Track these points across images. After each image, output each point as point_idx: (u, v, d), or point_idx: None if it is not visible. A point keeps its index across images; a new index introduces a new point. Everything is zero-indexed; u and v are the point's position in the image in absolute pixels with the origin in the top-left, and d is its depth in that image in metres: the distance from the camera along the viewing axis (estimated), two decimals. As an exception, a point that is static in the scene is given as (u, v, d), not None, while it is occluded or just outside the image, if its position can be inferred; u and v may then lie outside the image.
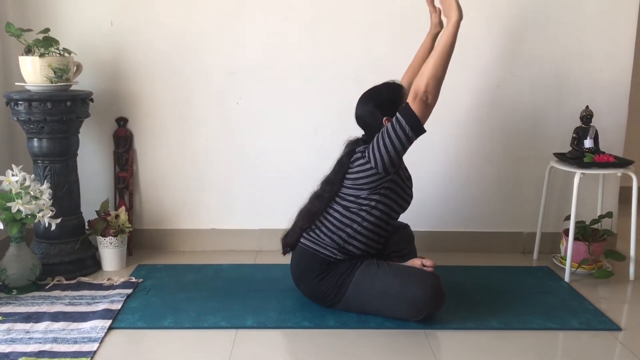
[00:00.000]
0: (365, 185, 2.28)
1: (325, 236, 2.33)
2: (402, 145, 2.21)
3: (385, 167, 2.24)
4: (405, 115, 2.18)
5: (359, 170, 2.29)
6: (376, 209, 2.30)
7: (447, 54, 2.18)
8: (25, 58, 2.59)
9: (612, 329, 2.28)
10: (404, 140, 2.20)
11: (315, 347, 2.16)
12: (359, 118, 2.40)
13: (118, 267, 2.81)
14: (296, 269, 2.43)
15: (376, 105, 2.33)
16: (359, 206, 2.30)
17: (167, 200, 3.07)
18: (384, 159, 2.22)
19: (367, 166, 2.26)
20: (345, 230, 2.31)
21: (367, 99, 2.38)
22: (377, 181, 2.27)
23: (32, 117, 2.58)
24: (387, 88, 2.39)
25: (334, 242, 2.32)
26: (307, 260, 2.35)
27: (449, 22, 2.19)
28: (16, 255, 2.50)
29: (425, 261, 2.33)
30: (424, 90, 2.15)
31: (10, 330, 2.19)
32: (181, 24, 2.90)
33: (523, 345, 2.18)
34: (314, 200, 2.40)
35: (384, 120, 2.31)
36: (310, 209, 2.39)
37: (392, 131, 2.19)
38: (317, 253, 2.33)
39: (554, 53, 2.96)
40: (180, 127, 2.99)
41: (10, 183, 2.43)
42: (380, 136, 2.23)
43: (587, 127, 2.81)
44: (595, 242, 2.80)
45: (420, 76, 2.18)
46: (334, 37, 2.92)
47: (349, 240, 2.31)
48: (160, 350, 2.13)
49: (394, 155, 2.22)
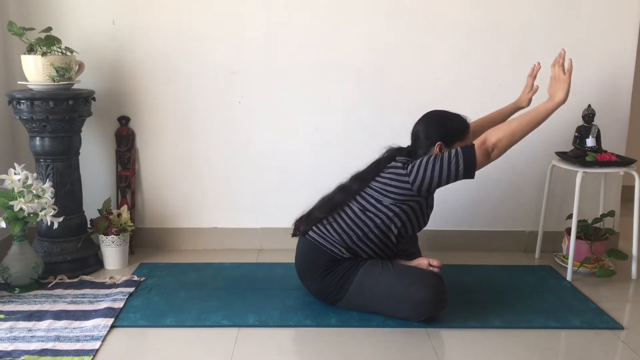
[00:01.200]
0: (392, 194, 2.27)
1: (335, 233, 2.33)
2: (448, 178, 2.21)
3: (420, 188, 2.24)
4: (466, 155, 2.18)
5: (392, 178, 2.28)
6: (391, 220, 2.30)
7: (533, 125, 2.23)
8: (28, 57, 2.60)
9: (614, 327, 2.28)
10: (452, 175, 2.20)
11: (317, 345, 2.16)
12: (416, 131, 2.39)
13: (120, 266, 2.82)
14: (302, 263, 2.43)
15: (439, 128, 2.33)
16: (377, 211, 2.30)
17: (169, 199, 3.07)
18: (425, 181, 2.22)
19: (404, 178, 2.25)
20: (356, 232, 2.31)
21: (433, 119, 2.38)
22: (404, 196, 2.27)
23: (34, 116, 2.58)
24: (457, 119, 2.38)
25: (342, 241, 2.31)
26: (314, 255, 2.35)
27: (552, 101, 2.24)
28: (19, 254, 2.50)
29: (432, 261, 2.32)
30: (493, 143, 2.18)
31: (12, 328, 2.19)
32: (183, 23, 2.90)
33: (525, 344, 2.18)
34: (338, 192, 2.39)
35: (437, 146, 2.30)
36: (332, 199, 2.38)
37: (446, 161, 2.19)
38: (324, 249, 2.33)
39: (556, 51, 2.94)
40: (182, 126, 3.00)
41: (13, 182, 2.43)
42: (432, 159, 2.22)
43: (589, 125, 2.80)
44: (597, 241, 2.80)
45: (497, 129, 2.21)
46: (335, 37, 2.92)
47: (357, 242, 2.31)
48: (162, 348, 2.13)
49: (435, 182, 2.22)
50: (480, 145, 2.18)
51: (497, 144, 2.19)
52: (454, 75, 2.96)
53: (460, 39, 2.93)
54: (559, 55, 2.30)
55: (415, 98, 2.97)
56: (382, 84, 2.96)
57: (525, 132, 2.22)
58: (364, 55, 2.93)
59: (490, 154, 2.20)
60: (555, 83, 2.27)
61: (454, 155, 2.19)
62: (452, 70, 2.96)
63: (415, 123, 2.41)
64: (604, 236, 2.84)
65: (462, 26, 2.92)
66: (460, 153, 2.19)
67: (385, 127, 2.99)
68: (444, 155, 2.21)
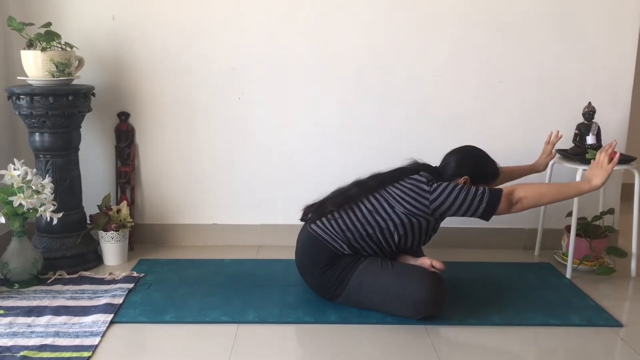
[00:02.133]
0: (407, 204, 2.28)
1: (339, 229, 2.33)
2: (465, 212, 2.25)
3: (436, 210, 2.26)
4: (491, 198, 2.22)
5: (412, 189, 2.29)
6: (397, 228, 2.30)
7: (561, 198, 2.30)
8: (27, 52, 2.59)
9: (613, 325, 2.28)
10: (471, 210, 2.24)
11: (316, 342, 2.16)
12: (449, 159, 2.43)
13: (119, 262, 2.82)
14: (302, 257, 2.43)
15: (473, 166, 2.38)
16: (386, 215, 2.30)
17: (169, 195, 3.07)
18: (444, 205, 2.25)
19: (425, 194, 2.27)
20: (360, 231, 2.31)
21: (471, 156, 2.43)
22: (419, 210, 2.28)
23: (34, 112, 2.58)
24: (492, 166, 2.43)
25: (345, 237, 2.31)
26: (315, 250, 2.35)
27: (588, 183, 2.31)
28: (18, 250, 2.50)
29: (435, 263, 2.32)
30: (520, 197, 2.23)
31: (12, 324, 2.19)
32: (183, 18, 2.89)
33: (524, 341, 2.19)
34: (354, 187, 2.40)
35: (463, 179, 2.35)
36: (347, 192, 2.39)
37: (471, 196, 2.23)
38: (326, 244, 2.32)
39: (557, 49, 2.95)
40: (182, 122, 2.99)
41: (12, 177, 2.43)
42: (458, 188, 2.25)
43: (590, 123, 2.80)
44: (597, 239, 2.80)
45: (528, 187, 2.27)
46: (335, 34, 2.91)
47: (359, 241, 2.32)
48: (161, 344, 2.14)
49: (453, 210, 2.26)
50: (507, 194, 2.23)
51: (523, 201, 2.24)
52: (455, 72, 2.96)
53: (460, 36, 2.93)
54: (610, 145, 2.35)
55: (415, 94, 2.97)
56: (383, 80, 2.96)
57: (551, 201, 2.30)
58: (365, 52, 2.93)
59: (512, 206, 2.25)
60: (597, 168, 2.31)
61: (480, 192, 2.23)
62: (453, 67, 2.95)
63: (452, 151, 2.46)
64: (604, 234, 2.84)
65: (463, 23, 2.91)
66: (487, 194, 2.23)
67: (385, 123, 3.00)
68: (471, 189, 2.25)
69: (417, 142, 3.01)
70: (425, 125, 3.00)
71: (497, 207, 2.23)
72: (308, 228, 2.41)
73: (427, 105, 2.99)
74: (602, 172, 2.29)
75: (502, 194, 2.23)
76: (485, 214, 2.25)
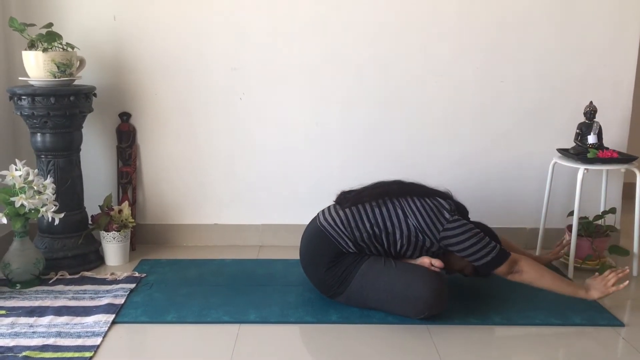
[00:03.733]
0: (421, 219, 2.30)
1: (348, 226, 2.33)
2: (468, 255, 2.29)
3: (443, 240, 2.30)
4: (497, 256, 2.27)
5: (433, 210, 2.31)
6: (401, 237, 2.31)
7: (555, 289, 2.32)
8: (29, 53, 2.60)
9: (614, 324, 2.28)
10: (474, 256, 2.28)
11: (317, 341, 2.17)
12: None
13: (121, 262, 2.82)
14: (307, 252, 2.43)
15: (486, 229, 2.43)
16: (396, 222, 2.31)
17: (170, 195, 3.07)
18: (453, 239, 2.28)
19: (442, 220, 2.30)
20: (367, 230, 2.31)
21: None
22: (428, 230, 2.30)
23: (35, 112, 2.58)
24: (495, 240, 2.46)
25: (353, 235, 2.32)
26: (321, 246, 2.35)
27: (585, 291, 2.32)
28: (20, 250, 2.51)
29: (434, 261, 2.32)
30: (521, 270, 2.29)
31: (14, 324, 2.19)
32: (184, 19, 2.90)
33: (526, 340, 2.19)
34: (393, 184, 2.42)
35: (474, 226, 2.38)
36: (387, 187, 2.40)
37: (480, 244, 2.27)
38: (332, 240, 2.32)
39: (558, 48, 2.95)
40: (183, 122, 3.00)
41: (14, 178, 2.43)
42: (474, 232, 2.28)
43: (591, 122, 2.80)
44: (598, 238, 2.80)
45: (533, 265, 2.31)
46: (336, 33, 2.91)
47: (366, 241, 2.32)
48: (163, 344, 2.14)
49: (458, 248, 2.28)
50: (512, 260, 2.28)
51: (523, 274, 2.29)
52: (456, 71, 2.96)
53: (461, 36, 2.92)
54: (623, 271, 2.36)
55: (416, 94, 2.97)
56: (383, 80, 2.96)
57: (545, 287, 2.33)
58: (365, 51, 2.93)
59: (511, 273, 2.30)
60: (600, 283, 2.34)
61: (490, 247, 2.27)
62: (454, 66, 2.95)
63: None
64: (605, 233, 2.84)
65: (464, 22, 2.91)
66: (496, 251, 2.27)
67: (386, 123, 3.00)
68: (485, 239, 2.28)
69: (418, 142, 3.01)
70: (427, 125, 3.00)
71: (499, 267, 2.28)
72: (317, 222, 2.41)
73: (428, 105, 2.99)
74: (603, 289, 2.31)
75: (508, 257, 2.28)
76: (486, 267, 2.29)
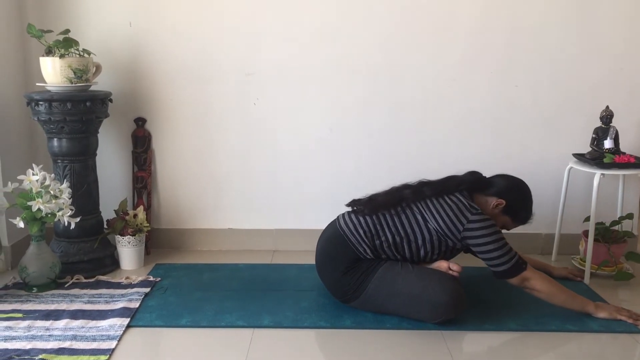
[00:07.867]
0: (441, 221, 2.28)
1: (369, 232, 2.32)
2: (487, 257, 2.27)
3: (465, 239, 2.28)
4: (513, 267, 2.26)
5: (453, 209, 2.29)
6: (424, 243, 2.31)
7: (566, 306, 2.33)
8: (46, 59, 2.63)
9: (631, 331, 2.25)
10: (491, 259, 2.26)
11: (331, 347, 2.16)
12: (500, 181, 2.46)
13: (136, 266, 2.84)
14: (324, 254, 2.42)
15: (514, 199, 2.43)
16: (417, 228, 2.31)
17: (185, 200, 3.09)
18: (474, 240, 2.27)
19: (463, 219, 2.28)
20: (388, 239, 2.31)
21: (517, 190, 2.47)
22: (449, 231, 2.28)
23: (52, 117, 2.61)
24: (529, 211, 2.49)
25: (372, 243, 2.31)
26: (339, 250, 2.34)
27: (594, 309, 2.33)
28: (36, 254, 2.53)
29: (452, 265, 2.31)
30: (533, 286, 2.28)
31: (30, 327, 2.21)
32: (199, 25, 2.91)
33: (541, 347, 2.16)
34: (404, 189, 2.40)
35: (497, 201, 2.39)
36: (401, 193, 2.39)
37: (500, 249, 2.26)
38: (350, 245, 2.32)
39: (573, 52, 2.93)
40: (197, 127, 3.01)
41: (31, 182, 2.46)
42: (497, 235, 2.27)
43: (607, 127, 2.77)
44: (615, 244, 2.77)
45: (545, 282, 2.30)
46: (349, 37, 2.91)
47: (385, 248, 2.31)
48: (177, 348, 2.14)
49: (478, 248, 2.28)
50: (525, 275, 2.27)
51: (534, 291, 2.30)
52: (470, 75, 2.95)
53: (475, 39, 2.91)
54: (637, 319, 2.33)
55: (430, 99, 2.96)
56: (397, 84, 2.95)
57: (556, 303, 2.32)
58: (379, 56, 2.93)
59: (523, 285, 2.30)
60: (612, 308, 2.35)
61: (508, 256, 2.26)
62: (467, 71, 2.94)
63: (508, 175, 2.50)
64: (622, 239, 2.80)
65: (478, 26, 2.90)
66: (515, 260, 2.27)
67: (400, 127, 2.99)
68: (506, 246, 2.27)
69: (431, 146, 3.00)
70: (440, 129, 2.99)
71: (511, 276, 2.27)
72: (337, 225, 2.40)
73: (441, 109, 2.98)
74: (613, 313, 2.32)
75: (524, 270, 2.26)
76: (498, 275, 2.28)
